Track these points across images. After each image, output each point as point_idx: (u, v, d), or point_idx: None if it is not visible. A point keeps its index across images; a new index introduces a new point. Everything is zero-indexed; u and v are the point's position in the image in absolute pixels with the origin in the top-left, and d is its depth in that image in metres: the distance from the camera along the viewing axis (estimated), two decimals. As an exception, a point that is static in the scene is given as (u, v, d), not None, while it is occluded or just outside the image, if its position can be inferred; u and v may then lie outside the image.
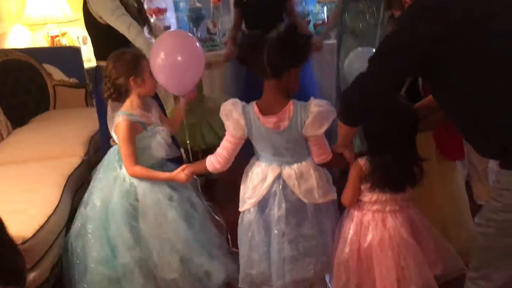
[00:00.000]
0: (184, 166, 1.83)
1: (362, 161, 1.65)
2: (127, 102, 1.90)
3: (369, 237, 1.64)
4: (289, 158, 1.68)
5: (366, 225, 1.66)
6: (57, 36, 3.72)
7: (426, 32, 1.27)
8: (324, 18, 3.90)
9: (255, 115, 1.64)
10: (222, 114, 1.68)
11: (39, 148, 2.70)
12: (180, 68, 1.90)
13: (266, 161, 1.71)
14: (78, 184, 2.43)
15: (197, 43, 2.00)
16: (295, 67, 1.61)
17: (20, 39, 3.67)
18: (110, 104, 1.96)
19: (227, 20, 3.82)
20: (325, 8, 3.93)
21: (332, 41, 3.41)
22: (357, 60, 2.36)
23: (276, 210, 1.68)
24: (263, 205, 1.72)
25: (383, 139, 1.59)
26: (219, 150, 1.73)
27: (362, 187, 1.66)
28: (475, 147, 1.41)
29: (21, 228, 1.81)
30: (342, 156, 1.70)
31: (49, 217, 1.97)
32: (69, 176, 2.38)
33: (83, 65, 3.49)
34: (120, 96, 1.90)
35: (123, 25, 2.22)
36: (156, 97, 2.23)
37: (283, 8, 3.03)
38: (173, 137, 2.11)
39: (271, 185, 1.69)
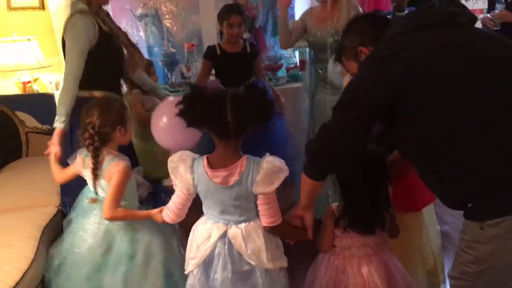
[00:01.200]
0: (162, 207, 1.81)
1: (334, 206, 1.71)
2: (107, 151, 1.91)
3: (345, 282, 1.68)
4: (237, 217, 1.58)
5: (341, 270, 1.71)
6: (29, 82, 3.70)
7: (385, 80, 1.28)
8: (296, 62, 4.04)
9: (203, 170, 1.54)
10: (169, 168, 1.60)
11: (12, 198, 2.64)
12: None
13: (213, 219, 1.62)
14: (54, 235, 2.37)
15: None
16: (256, 129, 1.51)
17: (-10, 86, 3.64)
18: (80, 151, 1.96)
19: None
20: (296, 52, 4.07)
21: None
22: None
23: (220, 273, 1.57)
24: (208, 268, 1.61)
25: (354, 183, 1.63)
26: (169, 203, 1.68)
27: (336, 232, 1.70)
28: (439, 197, 1.39)
29: (-5, 285, 1.77)
30: (299, 226, 1.62)
31: (25, 273, 1.93)
32: (45, 227, 2.33)
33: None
34: (103, 145, 1.89)
35: (66, 66, 2.20)
36: None
37: (253, 65, 3.06)
38: None
39: (215, 244, 1.58)
